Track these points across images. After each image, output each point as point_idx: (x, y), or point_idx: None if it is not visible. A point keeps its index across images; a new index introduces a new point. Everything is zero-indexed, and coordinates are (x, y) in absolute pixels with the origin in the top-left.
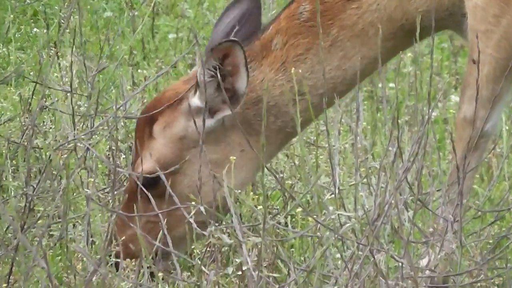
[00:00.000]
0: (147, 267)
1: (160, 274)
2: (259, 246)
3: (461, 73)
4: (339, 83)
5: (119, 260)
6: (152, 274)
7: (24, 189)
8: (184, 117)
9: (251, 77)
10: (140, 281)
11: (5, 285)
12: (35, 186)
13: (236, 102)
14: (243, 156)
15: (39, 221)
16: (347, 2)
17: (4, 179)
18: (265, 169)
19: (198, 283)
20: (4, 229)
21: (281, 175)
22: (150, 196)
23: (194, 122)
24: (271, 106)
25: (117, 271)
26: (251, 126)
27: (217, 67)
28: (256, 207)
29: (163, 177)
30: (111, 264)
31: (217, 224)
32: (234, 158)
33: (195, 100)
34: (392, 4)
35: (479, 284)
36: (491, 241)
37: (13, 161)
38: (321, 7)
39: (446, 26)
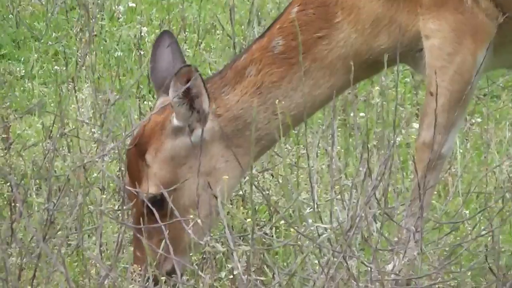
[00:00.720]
0: (152, 271)
1: (163, 278)
2: (248, 254)
3: (421, 104)
4: (309, 106)
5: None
6: (156, 279)
7: (46, 205)
8: (170, 139)
9: (226, 99)
10: (146, 284)
11: (29, 287)
12: (55, 202)
13: (205, 119)
14: (227, 166)
15: (58, 232)
16: (319, 39)
17: (29, 196)
18: (253, 187)
19: (196, 286)
20: (29, 239)
21: (267, 192)
22: (155, 213)
23: (202, 132)
24: (248, 123)
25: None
26: (230, 139)
27: (185, 90)
28: (246, 219)
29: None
30: (121, 269)
31: (212, 235)
32: (227, 177)
33: (174, 120)
34: (358, 41)
35: (437, 286)
36: (447, 249)
37: (37, 180)
38: (295, 43)
39: (403, 60)
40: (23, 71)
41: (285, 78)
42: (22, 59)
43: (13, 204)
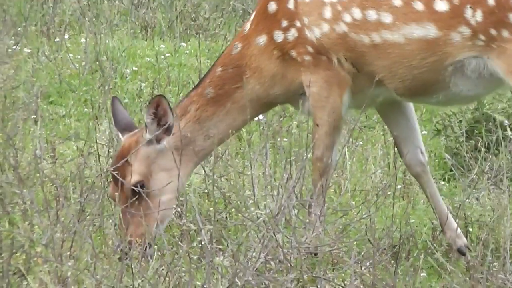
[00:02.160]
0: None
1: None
2: (211, 231)
3: None
4: (229, 132)
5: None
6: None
7: (79, 199)
8: (144, 147)
9: (177, 125)
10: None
11: (68, 252)
12: (85, 197)
13: (170, 131)
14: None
15: (87, 217)
16: (236, 89)
17: (68, 193)
18: (214, 187)
19: (176, 252)
20: (68, 221)
21: (224, 190)
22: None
23: (180, 140)
24: (191, 141)
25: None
26: (179, 150)
27: (155, 112)
28: (210, 208)
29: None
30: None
31: (187, 218)
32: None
33: (147, 135)
34: (260, 90)
35: (334, 251)
36: (341, 227)
37: (73, 183)
38: (221, 91)
39: (289, 101)
40: (64, 112)
41: (215, 114)
42: (63, 104)
43: (58, 198)
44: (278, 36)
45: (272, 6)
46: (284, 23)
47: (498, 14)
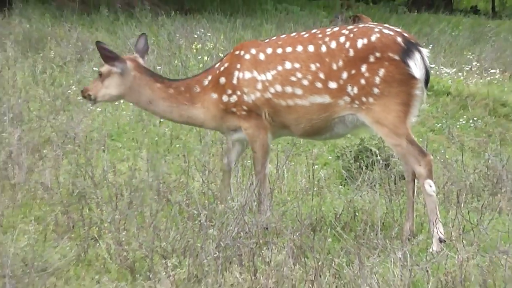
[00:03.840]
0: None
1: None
2: (206, 214)
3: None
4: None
5: None
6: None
7: (129, 196)
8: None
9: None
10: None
11: (123, 226)
12: (132, 195)
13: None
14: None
15: (134, 206)
16: (193, 106)
17: (123, 193)
18: (208, 189)
19: (186, 226)
20: (122, 208)
21: (213, 190)
22: None
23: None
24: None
25: None
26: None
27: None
28: (205, 201)
29: None
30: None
31: (192, 207)
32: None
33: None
34: (200, 117)
35: (278, 226)
36: (281, 212)
37: (126, 186)
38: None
39: (217, 130)
40: (120, 145)
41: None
42: (120, 140)
43: (116, 195)
44: (224, 98)
45: (222, 80)
46: (229, 91)
47: (367, 88)
